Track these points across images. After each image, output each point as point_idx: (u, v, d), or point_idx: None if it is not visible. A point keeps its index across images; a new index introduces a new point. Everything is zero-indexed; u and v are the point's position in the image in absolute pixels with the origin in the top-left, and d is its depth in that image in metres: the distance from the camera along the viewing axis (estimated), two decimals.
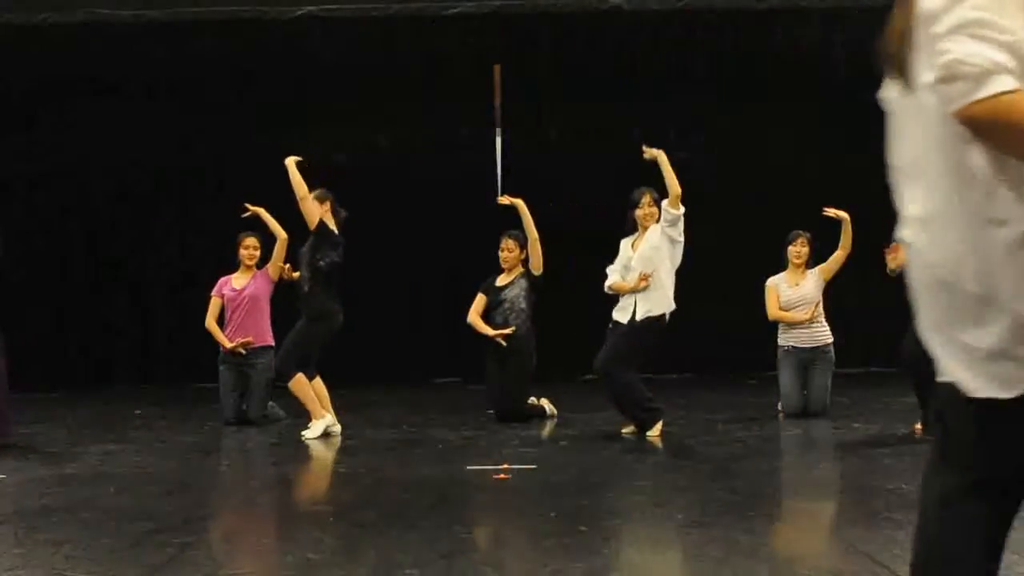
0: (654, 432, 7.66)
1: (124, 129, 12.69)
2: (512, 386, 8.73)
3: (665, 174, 7.80)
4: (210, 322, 9.13)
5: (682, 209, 7.84)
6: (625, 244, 8.15)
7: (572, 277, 12.08)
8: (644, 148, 8.00)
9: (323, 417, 8.08)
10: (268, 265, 9.01)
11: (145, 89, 12.34)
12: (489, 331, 8.77)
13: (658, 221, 7.90)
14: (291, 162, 8.12)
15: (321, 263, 8.05)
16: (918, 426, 7.78)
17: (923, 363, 2.63)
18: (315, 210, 8.08)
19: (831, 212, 8.80)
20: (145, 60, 11.55)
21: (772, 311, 8.87)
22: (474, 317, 8.94)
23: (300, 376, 8.09)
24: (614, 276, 8.10)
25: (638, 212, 8.02)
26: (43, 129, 12.62)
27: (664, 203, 7.86)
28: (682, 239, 7.89)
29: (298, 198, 8.07)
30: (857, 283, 11.29)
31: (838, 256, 8.89)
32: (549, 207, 8.90)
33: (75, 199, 12.76)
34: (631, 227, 8.14)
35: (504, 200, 8.88)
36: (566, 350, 12.09)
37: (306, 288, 8.14)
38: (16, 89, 12.11)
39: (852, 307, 11.70)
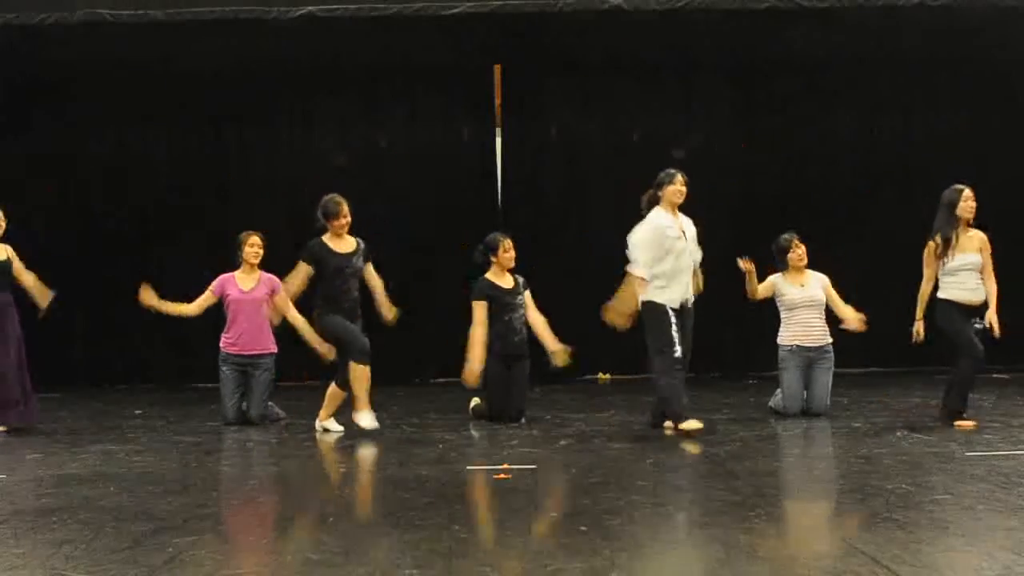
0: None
1: (123, 129, 12.70)
2: (519, 388, 8.75)
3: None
4: (189, 308, 9.01)
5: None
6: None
7: (571, 277, 12.08)
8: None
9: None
10: (284, 294, 8.59)
11: (145, 89, 12.35)
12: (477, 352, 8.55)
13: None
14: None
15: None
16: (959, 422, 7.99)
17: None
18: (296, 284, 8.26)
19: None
20: (145, 60, 11.55)
21: (754, 292, 8.80)
22: (481, 331, 8.62)
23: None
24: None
25: None
26: (42, 129, 12.63)
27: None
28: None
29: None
30: (858, 283, 11.31)
31: (840, 309, 8.94)
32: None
33: (74, 198, 12.76)
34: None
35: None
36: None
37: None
38: (16, 89, 12.11)
39: (853, 307, 11.71)
